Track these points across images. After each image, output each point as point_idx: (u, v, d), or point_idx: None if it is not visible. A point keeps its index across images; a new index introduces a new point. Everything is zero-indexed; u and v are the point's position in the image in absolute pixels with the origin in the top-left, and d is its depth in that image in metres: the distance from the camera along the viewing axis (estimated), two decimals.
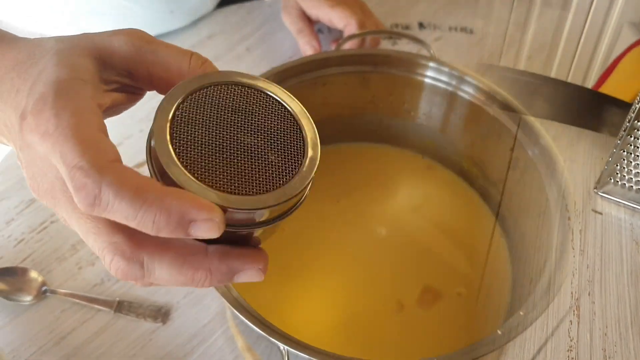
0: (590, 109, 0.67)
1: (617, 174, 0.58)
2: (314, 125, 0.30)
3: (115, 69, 0.32)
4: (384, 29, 0.76)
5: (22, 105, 0.29)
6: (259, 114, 0.30)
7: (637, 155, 0.55)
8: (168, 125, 0.28)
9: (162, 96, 0.30)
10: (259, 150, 0.29)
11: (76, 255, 0.62)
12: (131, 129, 0.71)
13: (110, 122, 0.32)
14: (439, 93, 0.56)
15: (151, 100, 0.54)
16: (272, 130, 0.29)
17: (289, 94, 0.31)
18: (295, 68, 0.54)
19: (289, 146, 0.29)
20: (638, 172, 0.56)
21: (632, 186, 0.58)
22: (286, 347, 0.41)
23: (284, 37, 0.78)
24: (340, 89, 0.57)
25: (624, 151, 0.55)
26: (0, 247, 0.62)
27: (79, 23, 0.74)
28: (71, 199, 0.27)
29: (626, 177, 0.57)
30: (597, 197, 0.67)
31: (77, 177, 0.26)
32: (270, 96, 0.31)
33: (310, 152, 0.30)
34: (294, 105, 0.31)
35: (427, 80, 0.55)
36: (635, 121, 0.53)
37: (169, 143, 0.28)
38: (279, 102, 0.31)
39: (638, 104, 0.52)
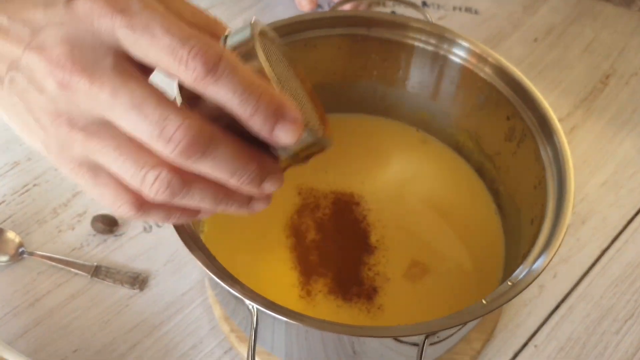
0: None
1: None
2: None
3: None
4: None
5: None
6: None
7: None
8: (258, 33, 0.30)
9: None
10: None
11: (57, 219, 0.60)
12: None
13: None
14: (434, 58, 0.53)
15: None
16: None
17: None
18: (285, 28, 0.51)
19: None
20: None
21: None
22: (255, 305, 0.39)
23: (284, 10, 0.76)
24: (331, 53, 0.54)
25: None
26: None
27: None
28: (122, 71, 0.27)
29: None
30: None
31: (199, 44, 0.26)
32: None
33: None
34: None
35: (421, 44, 0.53)
36: None
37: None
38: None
39: None
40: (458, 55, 0.52)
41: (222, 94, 0.26)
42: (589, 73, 0.73)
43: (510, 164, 0.52)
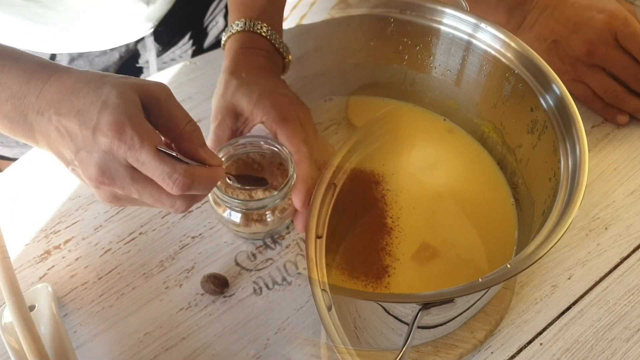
0: None
1: None
2: None
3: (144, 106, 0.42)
4: None
5: (93, 122, 0.40)
6: None
7: None
8: None
9: None
10: None
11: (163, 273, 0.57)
12: None
13: None
14: (461, 43, 0.53)
15: None
16: None
17: None
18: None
19: None
20: None
21: None
22: None
23: None
24: (363, 33, 0.56)
25: None
26: (88, 255, 0.58)
27: None
28: (137, 180, 0.41)
29: None
30: None
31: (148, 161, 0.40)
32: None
33: None
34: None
35: (456, 33, 0.53)
36: None
37: None
38: None
39: None
40: (483, 40, 0.52)
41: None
42: None
43: (530, 156, 0.52)
